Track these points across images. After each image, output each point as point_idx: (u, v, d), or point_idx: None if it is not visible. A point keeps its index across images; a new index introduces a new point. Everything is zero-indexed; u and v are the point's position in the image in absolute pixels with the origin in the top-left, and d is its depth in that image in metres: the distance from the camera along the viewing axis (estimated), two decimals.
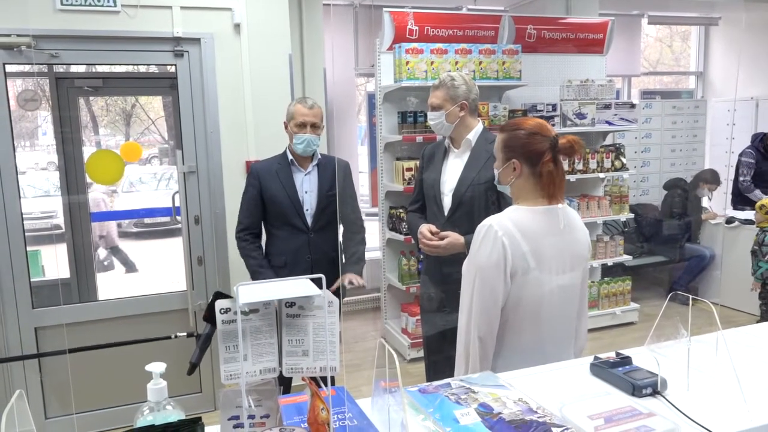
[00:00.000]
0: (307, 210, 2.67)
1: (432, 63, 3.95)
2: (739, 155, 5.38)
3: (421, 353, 3.25)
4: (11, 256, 2.94)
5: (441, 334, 2.52)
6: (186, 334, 2.32)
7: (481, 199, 2.36)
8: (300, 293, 1.09)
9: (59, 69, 3.48)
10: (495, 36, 4.45)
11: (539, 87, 4.57)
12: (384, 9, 4.14)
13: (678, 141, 6.14)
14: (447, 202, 2.45)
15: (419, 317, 3.12)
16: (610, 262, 4.69)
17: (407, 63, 3.89)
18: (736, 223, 4.99)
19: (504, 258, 1.53)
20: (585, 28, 4.72)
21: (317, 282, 1.09)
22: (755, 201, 4.44)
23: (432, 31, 4.22)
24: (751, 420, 1.16)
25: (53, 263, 3.76)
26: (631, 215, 4.98)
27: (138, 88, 4.68)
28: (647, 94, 6.66)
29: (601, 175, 4.56)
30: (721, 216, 5.30)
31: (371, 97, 5.07)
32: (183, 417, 1.08)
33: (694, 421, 1.15)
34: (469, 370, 1.57)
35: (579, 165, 4.44)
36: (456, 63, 4.02)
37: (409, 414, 1.16)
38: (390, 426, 1.14)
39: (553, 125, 4.27)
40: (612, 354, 1.44)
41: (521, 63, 4.21)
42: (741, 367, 1.34)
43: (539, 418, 1.12)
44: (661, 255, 5.50)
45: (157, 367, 1.10)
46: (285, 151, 2.72)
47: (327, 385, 1.08)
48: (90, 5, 2.92)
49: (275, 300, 1.12)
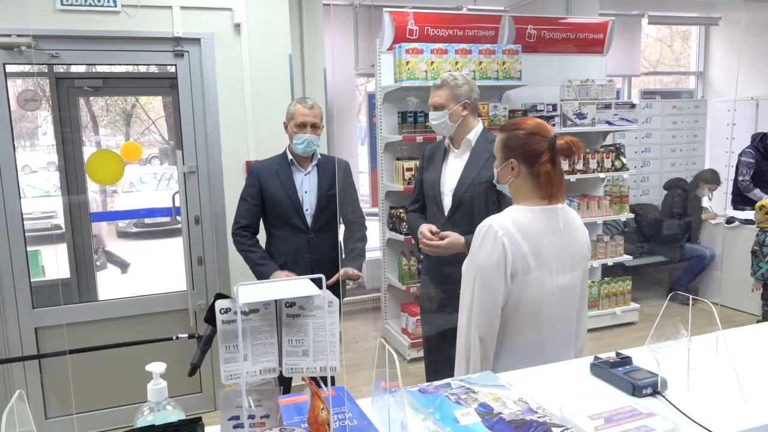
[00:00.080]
0: (307, 210, 2.67)
1: (432, 63, 3.95)
2: (739, 155, 5.38)
3: (421, 353, 3.25)
4: (11, 256, 2.94)
5: (441, 334, 2.52)
6: (187, 335, 2.31)
7: (481, 199, 2.36)
8: (300, 293, 1.09)
9: (59, 69, 3.48)
10: (495, 36, 4.45)
11: (539, 87, 4.57)
12: (384, 9, 4.14)
13: (678, 141, 6.14)
14: (447, 202, 2.45)
15: (419, 317, 3.12)
16: (610, 262, 4.69)
17: (407, 63, 3.89)
18: (736, 223, 4.99)
19: (504, 258, 1.53)
20: (585, 28, 4.72)
21: (317, 282, 1.09)
22: (755, 201, 4.44)
23: (432, 31, 4.22)
24: (751, 420, 1.16)
25: (53, 263, 3.76)
26: (632, 215, 4.97)
27: (138, 88, 4.67)
28: (647, 94, 6.65)
29: (602, 175, 4.56)
30: (722, 216, 5.29)
31: (371, 97, 5.06)
32: (183, 417, 1.08)
33: (694, 421, 1.15)
34: (470, 370, 1.57)
35: (579, 165, 4.43)
36: (456, 63, 4.02)
37: (409, 414, 1.16)
38: (390, 426, 1.14)
39: (554, 125, 4.27)
40: (612, 354, 1.44)
41: (521, 63, 4.21)
42: (741, 367, 1.34)
43: (539, 418, 1.12)
44: (662, 255, 5.50)
45: (157, 367, 1.10)
46: (285, 151, 2.72)
47: (327, 385, 1.07)
48: (90, 5, 2.92)
49: (275, 300, 1.12)
